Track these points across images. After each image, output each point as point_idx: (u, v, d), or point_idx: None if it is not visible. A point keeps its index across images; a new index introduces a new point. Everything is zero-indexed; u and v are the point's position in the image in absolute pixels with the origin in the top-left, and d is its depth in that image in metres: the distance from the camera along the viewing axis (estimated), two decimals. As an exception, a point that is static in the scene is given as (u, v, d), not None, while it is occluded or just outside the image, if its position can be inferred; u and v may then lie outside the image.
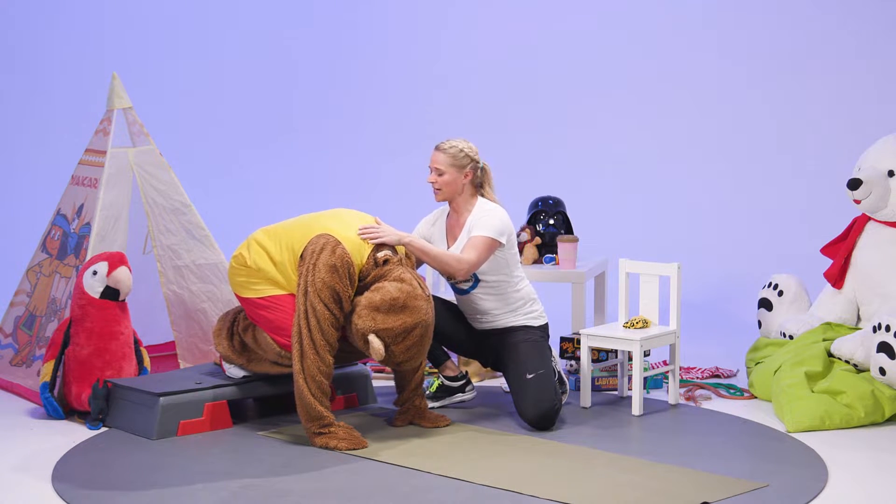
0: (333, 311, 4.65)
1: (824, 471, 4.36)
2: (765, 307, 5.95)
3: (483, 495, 4.10)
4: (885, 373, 5.04)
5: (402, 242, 4.87)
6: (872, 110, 7.93)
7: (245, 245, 4.95)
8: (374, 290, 4.64)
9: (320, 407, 4.67)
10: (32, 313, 5.66)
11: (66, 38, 9.07)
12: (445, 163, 5.08)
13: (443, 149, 5.10)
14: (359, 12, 9.04)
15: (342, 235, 4.74)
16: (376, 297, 4.60)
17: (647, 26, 8.57)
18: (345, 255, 4.67)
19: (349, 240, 4.73)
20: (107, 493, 4.15)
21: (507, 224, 5.06)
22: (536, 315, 5.18)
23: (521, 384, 4.99)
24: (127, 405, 4.96)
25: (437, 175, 5.09)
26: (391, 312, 4.59)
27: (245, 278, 4.89)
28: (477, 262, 4.97)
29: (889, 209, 5.61)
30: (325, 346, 4.65)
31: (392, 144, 8.87)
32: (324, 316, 4.63)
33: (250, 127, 9.04)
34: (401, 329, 4.59)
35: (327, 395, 4.71)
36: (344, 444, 4.63)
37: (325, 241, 4.70)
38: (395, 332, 4.58)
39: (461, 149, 5.09)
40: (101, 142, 5.71)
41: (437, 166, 5.09)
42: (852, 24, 8.20)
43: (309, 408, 4.66)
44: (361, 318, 4.60)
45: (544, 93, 8.65)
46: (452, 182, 5.09)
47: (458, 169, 5.09)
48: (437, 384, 5.31)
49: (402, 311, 4.60)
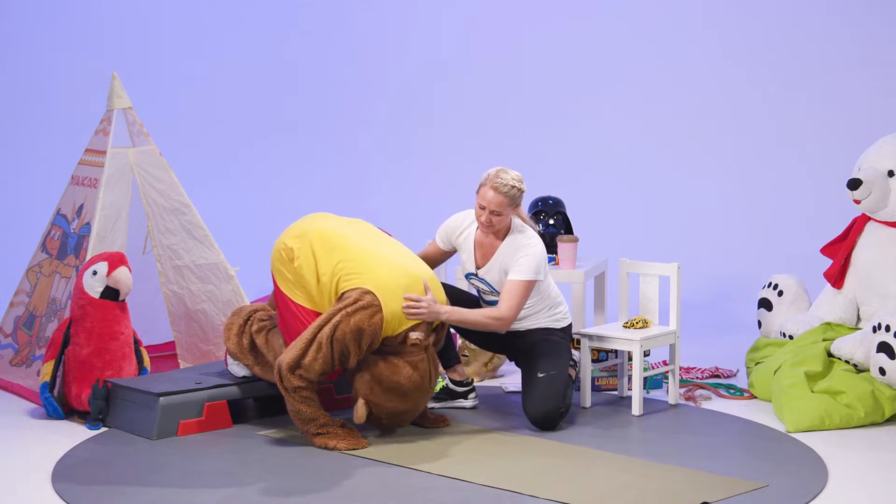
0: (334, 360, 4.62)
1: (824, 471, 4.36)
2: (765, 307, 5.94)
3: (483, 495, 4.10)
4: (884, 373, 5.04)
5: (440, 319, 4.80)
6: (872, 110, 7.92)
7: (299, 238, 4.87)
8: (389, 364, 4.65)
9: (310, 408, 4.67)
10: (32, 313, 5.66)
11: (66, 38, 9.06)
12: (504, 205, 4.93)
13: (502, 192, 4.90)
14: (359, 11, 9.03)
15: (386, 301, 4.64)
16: (385, 373, 4.64)
17: (648, 25, 8.57)
18: (378, 327, 4.61)
19: (391, 311, 4.64)
20: (107, 493, 4.15)
21: (542, 258, 4.98)
22: (559, 317, 5.17)
23: (532, 382, 4.98)
24: (127, 405, 4.96)
25: (496, 216, 4.94)
26: (390, 393, 4.66)
27: (285, 272, 4.85)
28: (517, 309, 4.94)
29: (889, 209, 5.61)
30: (307, 375, 4.63)
31: (393, 144, 8.87)
32: (324, 358, 4.61)
33: (250, 127, 9.03)
34: (392, 410, 4.70)
35: (314, 398, 4.71)
36: (343, 444, 4.63)
37: (368, 302, 4.62)
38: (385, 409, 4.69)
39: (514, 186, 4.93)
40: (101, 142, 5.71)
41: (496, 209, 4.92)
42: (853, 24, 8.19)
43: (299, 413, 4.67)
44: (362, 382, 4.66)
45: (544, 93, 8.65)
46: (502, 221, 4.99)
47: (512, 207, 4.98)
48: (442, 385, 5.30)
49: (401, 396, 4.67)
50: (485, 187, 4.94)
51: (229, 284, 5.74)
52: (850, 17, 8.20)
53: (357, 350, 4.61)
